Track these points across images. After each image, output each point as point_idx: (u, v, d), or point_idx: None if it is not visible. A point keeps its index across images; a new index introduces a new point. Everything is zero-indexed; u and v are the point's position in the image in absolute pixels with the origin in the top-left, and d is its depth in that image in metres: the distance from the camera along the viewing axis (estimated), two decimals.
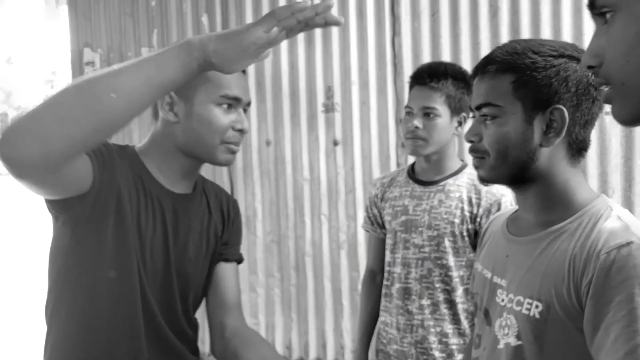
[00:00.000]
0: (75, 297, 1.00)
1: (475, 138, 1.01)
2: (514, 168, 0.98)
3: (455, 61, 2.70)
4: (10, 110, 24.26)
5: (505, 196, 1.55)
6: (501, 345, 1.00)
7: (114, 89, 0.76)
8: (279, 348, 3.05)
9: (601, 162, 2.53)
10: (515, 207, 1.18)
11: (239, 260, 1.23)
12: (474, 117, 1.05)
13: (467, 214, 1.56)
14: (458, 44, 2.75)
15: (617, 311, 0.82)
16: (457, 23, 2.74)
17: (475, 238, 1.55)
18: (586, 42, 2.33)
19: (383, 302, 1.70)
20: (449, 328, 1.57)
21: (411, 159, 2.76)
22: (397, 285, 1.63)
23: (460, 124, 1.59)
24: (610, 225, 0.89)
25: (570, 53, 0.95)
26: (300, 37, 2.91)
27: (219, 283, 1.17)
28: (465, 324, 1.59)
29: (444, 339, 1.57)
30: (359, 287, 2.93)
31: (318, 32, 2.91)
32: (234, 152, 1.07)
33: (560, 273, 0.90)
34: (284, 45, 2.85)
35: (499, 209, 1.51)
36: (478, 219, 1.55)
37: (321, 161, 2.93)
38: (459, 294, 1.58)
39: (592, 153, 2.47)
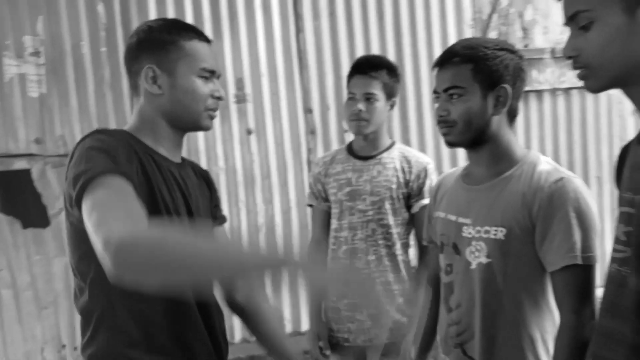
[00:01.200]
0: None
1: (444, 113, 1.31)
2: (475, 133, 1.30)
3: (351, 56, 3.09)
4: None
5: (429, 164, 1.91)
6: (474, 266, 1.32)
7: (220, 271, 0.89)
8: None
9: None
10: (455, 168, 1.56)
11: (225, 222, 1.39)
12: (437, 97, 1.36)
13: (401, 180, 1.86)
14: (353, 42, 3.14)
15: (558, 224, 1.20)
16: (352, 23, 3.13)
17: (408, 199, 1.89)
18: (451, 40, 2.93)
19: (330, 265, 1.91)
20: (391, 277, 1.87)
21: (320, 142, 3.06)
22: (344, 247, 1.86)
23: (391, 107, 1.86)
24: (545, 168, 1.28)
25: (507, 47, 1.32)
26: (208, 29, 2.98)
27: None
28: (403, 272, 1.90)
29: (388, 287, 1.87)
30: None
31: (225, 24, 3.02)
32: (213, 118, 1.17)
33: (516, 205, 1.26)
34: None
35: (426, 174, 1.87)
36: (410, 184, 1.88)
37: (236, 150, 3.04)
38: (398, 247, 1.87)
39: None
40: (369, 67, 1.79)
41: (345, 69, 3.08)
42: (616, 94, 0.97)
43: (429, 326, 1.64)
